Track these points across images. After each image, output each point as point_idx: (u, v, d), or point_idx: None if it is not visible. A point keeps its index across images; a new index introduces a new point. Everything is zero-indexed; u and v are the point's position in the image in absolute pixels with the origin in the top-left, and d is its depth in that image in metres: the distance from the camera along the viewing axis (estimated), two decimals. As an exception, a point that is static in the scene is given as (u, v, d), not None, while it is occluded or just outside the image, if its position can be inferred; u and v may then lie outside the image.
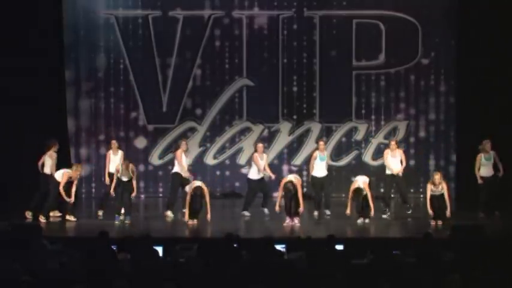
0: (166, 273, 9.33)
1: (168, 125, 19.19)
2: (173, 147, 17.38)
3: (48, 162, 15.90)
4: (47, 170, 15.84)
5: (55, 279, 9.12)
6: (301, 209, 14.88)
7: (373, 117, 19.14)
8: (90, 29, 19.01)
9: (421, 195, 18.90)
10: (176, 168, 15.90)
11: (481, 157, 15.94)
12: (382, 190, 16.46)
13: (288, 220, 14.90)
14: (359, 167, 18.18)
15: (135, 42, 19.09)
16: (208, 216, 14.91)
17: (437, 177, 15.17)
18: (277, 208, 15.07)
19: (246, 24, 19.10)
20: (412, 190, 19.00)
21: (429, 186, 15.06)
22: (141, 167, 19.17)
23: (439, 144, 19.12)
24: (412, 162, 19.00)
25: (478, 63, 17.95)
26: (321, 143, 16.20)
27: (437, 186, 15.10)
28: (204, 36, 19.06)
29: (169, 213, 15.69)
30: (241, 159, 19.12)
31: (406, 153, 16.86)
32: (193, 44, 19.08)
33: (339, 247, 11.13)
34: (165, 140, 19.10)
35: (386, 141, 18.91)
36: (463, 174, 18.51)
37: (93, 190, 19.18)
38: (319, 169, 15.88)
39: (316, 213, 15.89)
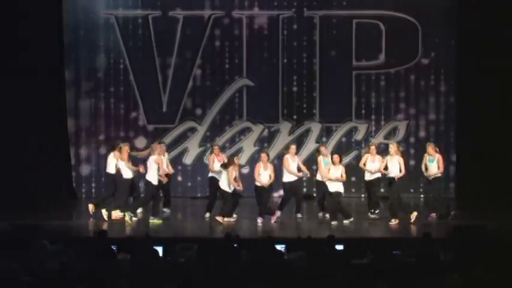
0: (166, 273, 9.33)
1: (168, 125, 19.18)
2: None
3: (112, 161, 15.80)
4: (111, 169, 15.78)
5: (55, 279, 9.12)
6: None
7: (373, 117, 19.14)
8: (90, 29, 19.01)
9: (421, 196, 18.92)
10: (211, 173, 16.02)
11: (426, 158, 15.79)
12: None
13: (261, 220, 15.10)
14: (359, 167, 18.12)
15: (135, 42, 19.09)
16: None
17: (392, 146, 15.37)
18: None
19: (246, 24, 19.10)
20: (412, 190, 19.01)
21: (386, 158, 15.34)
22: (141, 167, 19.15)
23: (439, 144, 19.06)
24: (412, 162, 19.00)
25: (478, 63, 17.95)
26: (322, 148, 16.08)
27: (392, 157, 15.17)
28: (204, 36, 19.06)
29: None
30: (241, 159, 19.08)
31: (404, 154, 16.76)
32: (193, 44, 19.08)
33: (339, 247, 11.13)
34: (165, 140, 19.08)
35: (386, 141, 18.95)
36: (463, 174, 18.53)
37: (93, 190, 19.17)
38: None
39: (320, 214, 15.83)
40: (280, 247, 11.13)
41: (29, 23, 17.74)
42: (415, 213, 15.15)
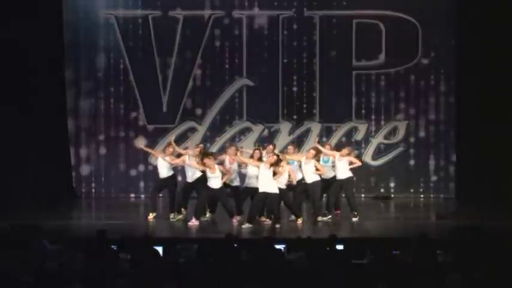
0: (166, 273, 9.33)
1: (168, 125, 19.19)
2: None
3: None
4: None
5: (55, 279, 9.12)
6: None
7: (373, 117, 19.14)
8: (90, 29, 19.02)
9: (421, 195, 18.94)
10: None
11: (320, 158, 15.64)
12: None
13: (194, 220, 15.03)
14: (359, 167, 18.15)
15: (135, 42, 19.09)
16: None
17: (290, 147, 15.67)
18: None
19: (246, 24, 19.11)
20: (412, 190, 19.03)
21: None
22: (141, 167, 19.20)
23: (439, 144, 19.11)
24: (412, 162, 19.02)
25: (478, 63, 17.94)
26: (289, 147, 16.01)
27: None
28: (204, 36, 19.07)
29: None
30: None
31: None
32: (193, 44, 19.09)
33: (339, 247, 11.13)
34: (165, 140, 19.08)
35: (386, 141, 18.97)
36: (463, 174, 18.53)
37: (93, 190, 19.19)
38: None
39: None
40: (280, 247, 11.13)
41: (29, 23, 17.71)
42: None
